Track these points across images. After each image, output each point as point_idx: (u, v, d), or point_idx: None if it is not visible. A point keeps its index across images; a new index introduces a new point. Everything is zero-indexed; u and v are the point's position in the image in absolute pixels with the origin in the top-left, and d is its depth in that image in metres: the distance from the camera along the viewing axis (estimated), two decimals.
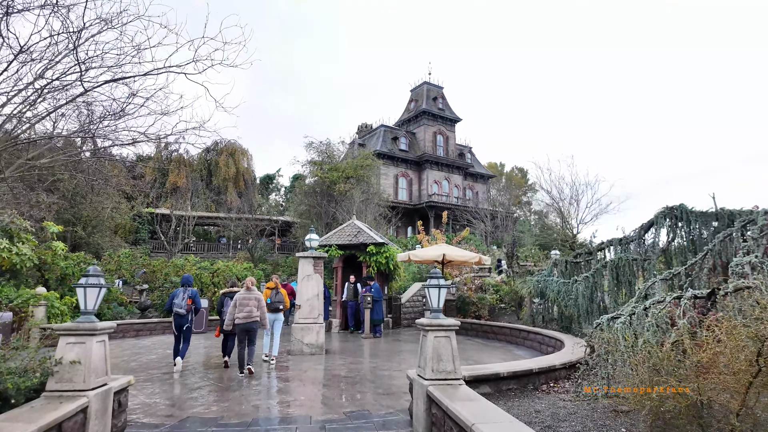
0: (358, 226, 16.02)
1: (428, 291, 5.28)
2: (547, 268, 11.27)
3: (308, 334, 10.46)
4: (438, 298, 5.19)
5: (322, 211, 25.10)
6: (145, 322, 14.30)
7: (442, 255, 12.43)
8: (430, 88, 48.13)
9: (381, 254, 15.11)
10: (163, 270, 16.56)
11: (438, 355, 4.84)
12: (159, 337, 13.77)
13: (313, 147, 27.82)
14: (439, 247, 12.97)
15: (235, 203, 35.80)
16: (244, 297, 8.17)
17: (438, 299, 5.19)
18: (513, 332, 12.76)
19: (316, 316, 10.65)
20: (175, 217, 29.70)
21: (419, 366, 5.14)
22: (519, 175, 77.71)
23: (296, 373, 8.31)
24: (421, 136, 46.07)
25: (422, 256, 12.88)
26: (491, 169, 64.50)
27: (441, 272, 6.05)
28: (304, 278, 10.81)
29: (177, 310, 8.46)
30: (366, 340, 13.23)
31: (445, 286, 5.30)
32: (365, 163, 26.75)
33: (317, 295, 10.78)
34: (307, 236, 11.19)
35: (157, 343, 12.28)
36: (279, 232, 35.72)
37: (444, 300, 5.33)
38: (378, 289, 14.20)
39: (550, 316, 12.40)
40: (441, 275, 5.35)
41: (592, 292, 9.48)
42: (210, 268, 16.58)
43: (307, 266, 10.89)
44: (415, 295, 18.71)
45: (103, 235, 20.00)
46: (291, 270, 28.26)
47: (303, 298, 10.67)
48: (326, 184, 25.48)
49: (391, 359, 9.90)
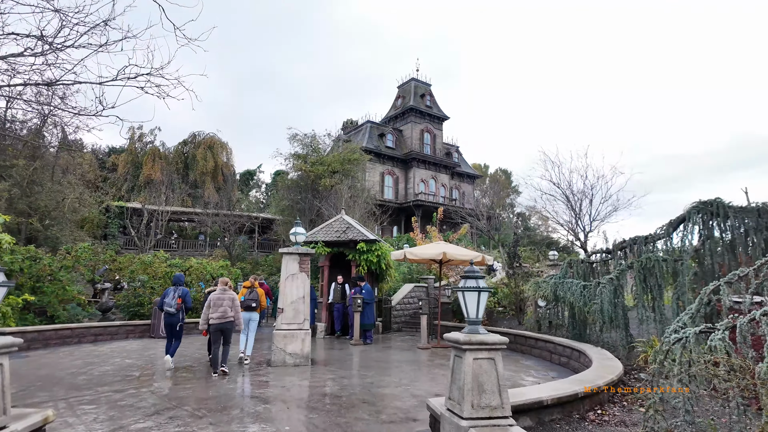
0: (348, 221, 14.68)
1: (463, 296, 4.01)
2: (561, 269, 10.11)
3: (292, 342, 9.08)
4: (477, 305, 3.94)
5: (306, 207, 23.63)
6: (106, 326, 12.68)
7: (441, 253, 11.19)
8: (417, 84, 47.04)
9: (372, 252, 13.80)
10: (129, 267, 14.91)
11: (479, 384, 3.58)
12: (121, 342, 12.18)
13: (297, 139, 26.33)
14: (437, 245, 11.76)
15: (213, 198, 33.98)
16: (218, 297, 8.16)
17: (477, 307, 3.94)
18: (518, 339, 11.59)
19: (301, 322, 9.28)
20: (148, 211, 27.79)
21: (450, 398, 3.86)
22: (503, 177, 77.62)
23: (278, 391, 6.94)
24: (408, 133, 44.92)
25: (420, 254, 11.63)
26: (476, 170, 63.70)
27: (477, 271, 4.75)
28: (288, 277, 9.43)
29: (167, 309, 8.58)
30: (355, 347, 11.90)
31: (487, 290, 4.04)
32: (352, 157, 25.38)
33: (303, 297, 9.41)
34: (293, 230, 9.81)
35: (116, 350, 10.71)
36: (260, 229, 34.04)
37: (483, 307, 4.05)
38: (369, 290, 12.89)
39: (557, 321, 11.29)
40: (479, 274, 4.08)
41: (615, 296, 8.35)
42: (182, 266, 15.00)
43: (291, 264, 9.51)
44: (406, 297, 17.45)
45: (63, 228, 18.14)
46: (272, 269, 26.73)
47: (287, 301, 9.29)
48: (311, 178, 24.02)
49: (388, 372, 8.59)
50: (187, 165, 39.43)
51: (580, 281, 8.93)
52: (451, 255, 11.29)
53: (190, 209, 33.71)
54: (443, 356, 10.61)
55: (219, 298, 8.11)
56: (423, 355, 10.86)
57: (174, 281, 8.99)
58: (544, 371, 8.86)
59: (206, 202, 33.21)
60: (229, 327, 8.07)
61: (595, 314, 8.10)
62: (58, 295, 12.18)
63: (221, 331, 8.01)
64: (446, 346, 12.09)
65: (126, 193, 36.92)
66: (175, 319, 8.57)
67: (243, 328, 8.93)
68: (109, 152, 45.47)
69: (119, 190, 37.77)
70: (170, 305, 8.56)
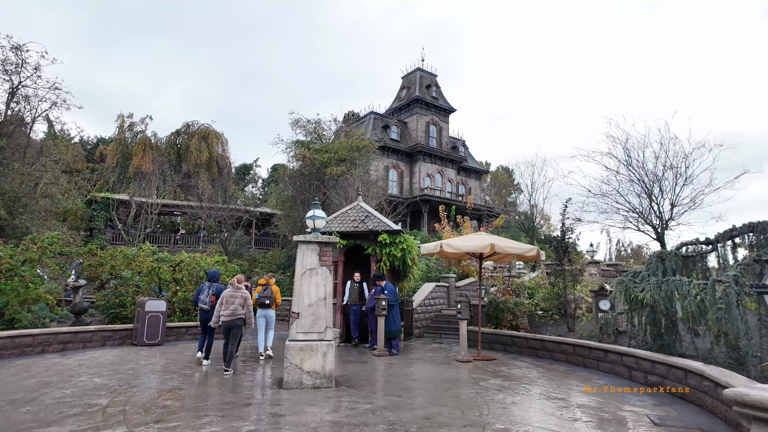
0: (366, 209, 12.58)
1: None
2: (650, 264, 8.07)
3: (311, 357, 6.98)
4: None
5: (310, 197, 21.47)
6: (78, 331, 10.51)
7: (489, 246, 9.13)
8: (423, 75, 44.95)
9: (396, 246, 11.71)
10: (109, 261, 12.75)
11: None
12: (95, 352, 10.02)
13: (299, 125, 24.17)
14: (483, 236, 9.71)
15: (207, 192, 31.70)
16: (231, 294, 8.14)
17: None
18: (579, 351, 9.56)
19: (322, 330, 7.18)
20: (136, 203, 25.55)
21: None
22: (505, 175, 76.06)
23: None
24: (413, 125, 42.85)
25: (460, 246, 9.54)
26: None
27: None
28: (304, 273, 7.34)
29: (201, 306, 8.84)
30: (380, 358, 9.83)
31: None
32: (361, 144, 23.27)
33: (324, 298, 7.31)
34: (310, 213, 7.72)
35: (87, 363, 8.56)
36: (257, 224, 31.84)
37: None
38: (393, 290, 10.83)
39: (634, 329, 9.33)
40: None
41: (739, 299, 6.32)
42: (171, 260, 12.85)
43: (309, 256, 7.41)
44: (427, 298, 15.40)
45: (33, 217, 15.87)
46: (270, 266, 24.60)
47: (303, 303, 7.20)
48: (315, 166, 21.87)
49: (440, 398, 6.52)
50: (180, 156, 37.15)
51: (693, 280, 6.88)
52: (500, 248, 9.24)
53: (183, 202, 31.46)
54: (493, 373, 8.56)
55: (231, 296, 8.09)
56: (466, 370, 8.81)
57: (209, 277, 9.14)
58: (638, 399, 6.81)
59: (200, 196, 30.95)
60: (239, 324, 8.05)
61: (731, 328, 6.04)
62: (20, 294, 10.02)
63: (231, 328, 7.97)
64: (488, 359, 10.06)
65: (114, 184, 34.63)
66: (209, 315, 8.59)
67: (258, 326, 9.37)
68: (97, 142, 43.11)
69: (107, 182, 35.50)
70: (204, 302, 8.79)
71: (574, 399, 6.68)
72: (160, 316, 11.39)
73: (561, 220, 12.00)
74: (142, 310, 11.19)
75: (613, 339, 9.66)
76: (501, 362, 9.76)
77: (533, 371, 8.83)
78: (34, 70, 15.22)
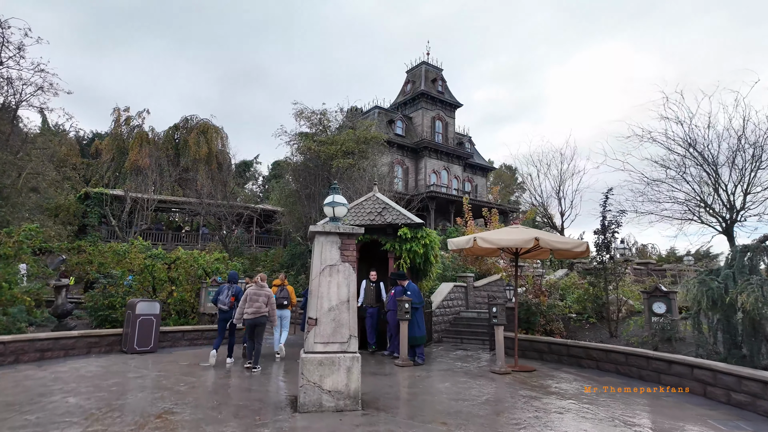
0: (383, 200, 11.32)
1: None
2: (732, 260, 6.80)
3: (332, 373, 5.72)
4: None
5: (315, 192, 20.21)
6: (58, 337, 9.23)
7: (533, 239, 7.85)
8: (428, 69, 43.69)
9: (418, 241, 10.46)
10: (97, 258, 11.48)
11: None
12: (77, 361, 8.74)
13: (303, 116, 22.83)
14: (522, 230, 8.44)
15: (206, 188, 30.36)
16: (255, 292, 8.22)
17: None
18: (633, 360, 8.28)
19: (345, 340, 5.92)
20: (131, 198, 24.25)
21: None
22: (508, 173, 75.12)
23: None
24: (419, 120, 41.59)
25: (497, 240, 8.26)
26: None
27: None
28: (323, 270, 6.08)
29: (221, 306, 8.90)
30: (405, 370, 8.57)
31: None
32: (369, 135, 21.98)
33: (347, 300, 6.06)
34: (329, 198, 6.45)
35: (64, 377, 7.29)
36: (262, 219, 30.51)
37: None
38: (416, 290, 9.57)
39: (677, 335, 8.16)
40: None
41: None
42: (165, 257, 11.59)
43: (329, 250, 6.16)
44: (445, 299, 14.18)
45: (15, 209, 14.50)
46: (273, 265, 23.35)
47: (322, 306, 5.94)
48: (321, 158, 20.58)
49: (503, 428, 5.26)
50: (179, 151, 35.82)
51: None
52: (546, 242, 7.98)
53: (182, 198, 30.15)
54: (542, 389, 7.31)
55: (256, 294, 8.19)
56: (508, 385, 7.56)
57: (229, 279, 9.25)
58: (733, 425, 5.56)
59: (199, 192, 29.62)
60: (263, 322, 8.20)
61: None
62: None
63: (255, 326, 8.13)
64: (528, 369, 8.81)
65: (110, 180, 33.35)
66: (228, 315, 8.79)
67: (276, 325, 9.36)
68: (92, 137, 41.81)
69: (102, 178, 34.20)
70: (224, 303, 8.87)
71: (660, 425, 5.42)
72: (152, 319, 10.13)
73: (601, 212, 10.74)
74: (132, 313, 9.94)
75: (672, 347, 8.43)
76: (543, 374, 8.51)
77: (584, 384, 7.58)
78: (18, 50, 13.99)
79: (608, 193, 10.84)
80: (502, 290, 16.88)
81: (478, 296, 16.15)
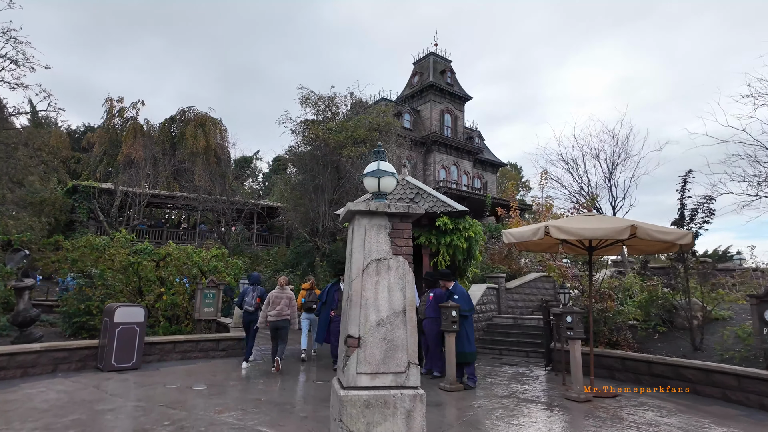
0: (416, 184, 9.46)
1: None
2: None
3: (384, 420, 3.83)
4: None
5: (324, 183, 18.32)
6: (15, 353, 7.33)
7: (628, 228, 5.99)
8: (437, 60, 41.84)
9: (460, 233, 8.62)
10: (71, 254, 9.60)
11: None
12: (38, 383, 6.84)
13: (309, 102, 20.96)
14: (608, 218, 6.58)
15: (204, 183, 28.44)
16: (277, 295, 8.40)
17: None
18: (749, 384, 6.41)
19: (402, 369, 4.03)
20: (122, 192, 22.36)
21: None
22: (513, 172, 73.71)
23: None
24: (427, 114, 39.74)
25: (577, 230, 6.36)
26: None
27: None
28: (367, 267, 4.19)
29: (247, 307, 8.85)
30: (456, 396, 6.70)
31: None
32: (383, 121, 20.12)
33: (403, 311, 4.17)
34: (372, 166, 4.59)
35: (10, 410, 5.39)
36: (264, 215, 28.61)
37: None
38: (466, 295, 7.69)
39: None
40: None
41: None
42: (153, 253, 9.71)
43: (375, 237, 4.28)
44: (478, 303, 12.29)
45: None
46: (276, 264, 21.45)
47: (367, 320, 4.05)
48: (330, 147, 18.69)
49: None
50: (175, 144, 33.86)
51: None
52: (645, 232, 6.10)
53: (178, 193, 28.23)
54: (653, 426, 5.43)
55: (278, 296, 8.36)
56: (599, 419, 5.69)
57: (252, 281, 9.19)
58: None
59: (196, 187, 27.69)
60: (285, 325, 8.34)
61: None
62: None
63: (277, 329, 8.28)
64: (610, 395, 6.94)
65: (101, 174, 31.42)
66: (254, 317, 8.79)
67: (302, 327, 9.66)
68: (84, 130, 39.88)
69: (94, 172, 32.25)
70: (250, 304, 8.80)
71: None
72: (135, 329, 8.25)
73: (679, 199, 8.89)
74: (109, 321, 8.06)
75: None
76: (632, 401, 6.66)
77: (699, 418, 5.73)
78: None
79: (687, 175, 8.98)
80: (538, 292, 15.04)
81: (510, 299, 14.31)
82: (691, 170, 8.97)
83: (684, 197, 8.88)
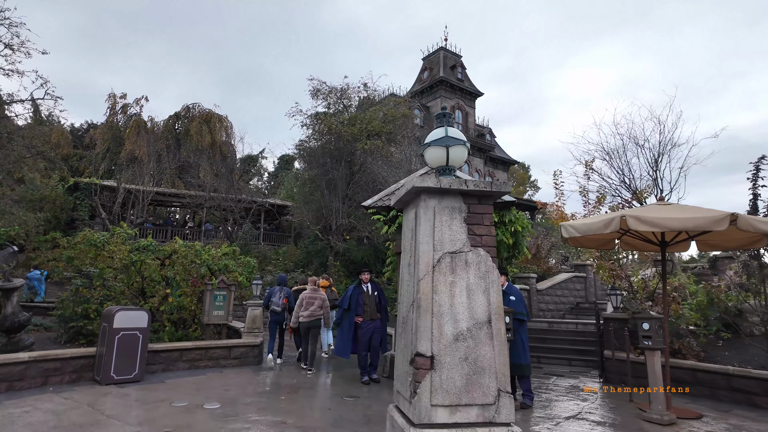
0: None
1: None
2: None
3: None
4: None
5: (337, 177, 17.32)
6: (2, 363, 6.36)
7: (726, 218, 4.97)
8: (447, 55, 40.80)
9: (505, 227, 7.59)
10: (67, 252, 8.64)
11: None
12: (26, 400, 5.86)
13: (320, 94, 19.99)
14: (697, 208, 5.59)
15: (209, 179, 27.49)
16: (310, 296, 8.43)
17: None
18: None
19: (491, 400, 3.01)
20: (124, 189, 21.45)
21: None
22: (521, 171, 72.74)
23: None
24: (437, 110, 38.54)
25: (662, 221, 5.29)
26: None
27: None
28: (439, 262, 3.17)
29: (274, 308, 9.02)
30: None
31: None
32: (398, 113, 19.14)
33: (488, 321, 3.15)
34: (437, 133, 3.60)
35: None
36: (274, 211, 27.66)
37: None
38: (520, 295, 6.66)
39: None
40: None
41: None
42: (158, 251, 8.74)
43: (447, 224, 3.26)
44: None
45: None
46: (285, 264, 20.51)
47: (442, 332, 3.03)
48: (344, 140, 17.70)
49: None
50: (179, 141, 32.96)
51: None
52: (748, 223, 5.07)
53: (183, 191, 27.32)
54: None
55: (311, 297, 8.38)
56: None
57: (279, 282, 9.58)
58: None
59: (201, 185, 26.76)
60: (317, 324, 8.39)
61: None
62: None
63: (309, 329, 8.30)
64: (694, 416, 5.89)
65: (104, 171, 30.54)
66: (281, 317, 8.99)
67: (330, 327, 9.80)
68: (87, 128, 39.04)
69: (97, 169, 31.37)
70: (277, 304, 8.97)
71: None
72: (137, 335, 7.27)
73: (751, 189, 7.84)
74: (109, 327, 7.09)
75: None
76: (722, 423, 5.62)
77: None
78: None
79: (759, 162, 7.93)
80: (570, 294, 14.00)
81: (542, 301, 13.27)
82: (764, 156, 7.92)
83: (756, 186, 7.84)
